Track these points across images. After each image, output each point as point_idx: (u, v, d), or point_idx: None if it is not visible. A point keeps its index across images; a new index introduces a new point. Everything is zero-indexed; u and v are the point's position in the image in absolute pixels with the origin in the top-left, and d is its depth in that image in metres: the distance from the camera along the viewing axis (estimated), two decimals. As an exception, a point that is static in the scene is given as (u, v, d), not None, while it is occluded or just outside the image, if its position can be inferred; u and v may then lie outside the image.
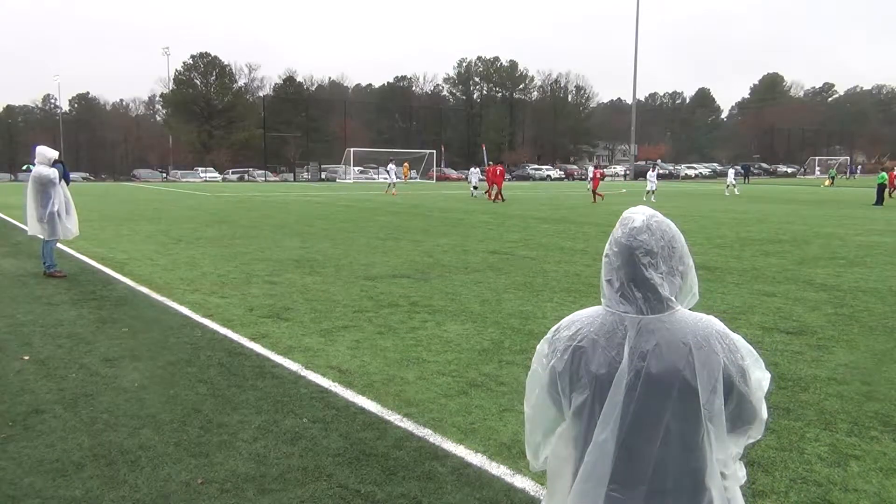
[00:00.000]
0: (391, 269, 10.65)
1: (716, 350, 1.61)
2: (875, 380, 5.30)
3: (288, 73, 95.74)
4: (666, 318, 1.65)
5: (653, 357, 1.60)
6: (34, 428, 4.35)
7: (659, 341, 1.62)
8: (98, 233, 15.82)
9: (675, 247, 1.71)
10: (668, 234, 1.72)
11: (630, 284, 1.67)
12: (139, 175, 71.96)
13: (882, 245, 13.99)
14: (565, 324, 1.78)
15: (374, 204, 28.07)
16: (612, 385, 1.63)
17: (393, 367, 5.61)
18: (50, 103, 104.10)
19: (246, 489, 3.55)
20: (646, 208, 1.77)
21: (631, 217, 1.74)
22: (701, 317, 1.68)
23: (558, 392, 1.75)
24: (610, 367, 1.64)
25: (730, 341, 1.66)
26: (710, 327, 1.65)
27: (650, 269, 1.65)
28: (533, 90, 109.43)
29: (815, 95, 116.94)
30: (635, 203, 21.12)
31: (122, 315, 7.50)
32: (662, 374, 1.60)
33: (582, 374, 1.68)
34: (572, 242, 14.28)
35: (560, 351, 1.73)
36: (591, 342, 1.68)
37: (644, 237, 1.68)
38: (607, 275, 1.73)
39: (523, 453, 3.94)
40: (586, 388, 1.68)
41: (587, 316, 1.75)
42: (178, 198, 33.25)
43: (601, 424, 1.63)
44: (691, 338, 1.61)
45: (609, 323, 1.68)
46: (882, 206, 27.34)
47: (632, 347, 1.62)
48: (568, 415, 1.74)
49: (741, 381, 1.65)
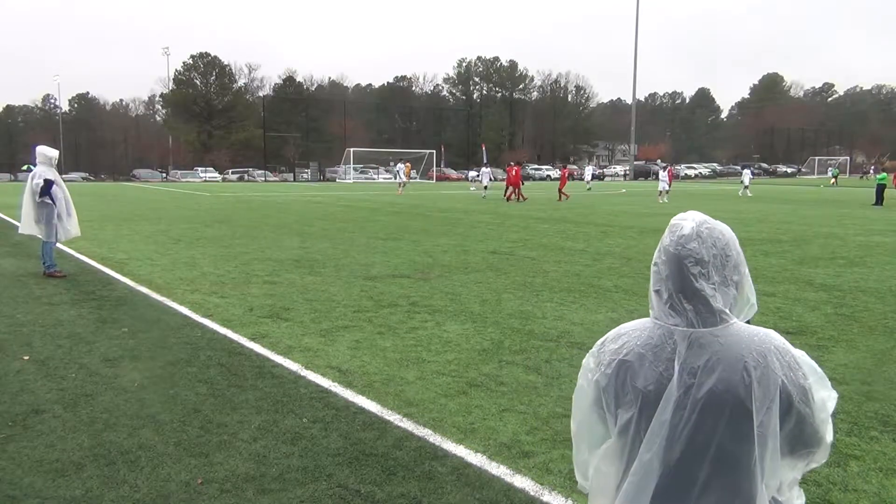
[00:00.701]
0: (391, 269, 10.65)
1: (774, 367, 1.51)
2: (875, 380, 5.30)
3: (288, 73, 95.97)
4: (719, 331, 1.55)
5: (704, 374, 1.51)
6: (34, 428, 4.35)
7: (711, 357, 1.52)
8: (98, 233, 15.82)
9: (728, 255, 1.60)
10: (721, 241, 1.60)
11: (679, 296, 1.57)
12: (139, 175, 71.98)
13: (882, 245, 13.99)
14: (611, 336, 1.69)
15: (374, 204, 28.07)
16: (659, 402, 1.55)
17: (393, 367, 5.61)
18: (50, 103, 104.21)
19: (246, 489, 3.55)
20: (696, 214, 1.65)
21: (679, 224, 1.62)
22: (758, 331, 1.57)
23: (603, 408, 1.67)
24: (658, 383, 1.56)
25: (790, 358, 1.54)
26: (768, 342, 1.54)
27: (700, 280, 1.55)
28: (533, 90, 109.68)
29: (815, 95, 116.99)
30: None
31: (122, 315, 7.50)
32: (714, 392, 1.50)
33: (628, 389, 1.60)
34: (572, 242, 14.28)
35: (605, 365, 1.65)
36: (638, 356, 1.60)
37: (693, 245, 1.57)
38: (655, 285, 1.63)
39: (523, 453, 3.97)
40: (632, 404, 1.60)
41: (634, 329, 1.66)
42: (178, 198, 33.25)
43: (647, 443, 1.56)
44: (747, 354, 1.51)
45: (657, 336, 1.60)
46: (882, 206, 27.35)
47: (682, 363, 1.54)
48: (613, 432, 1.67)
49: (801, 401, 1.53)
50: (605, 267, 10.90)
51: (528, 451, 4.01)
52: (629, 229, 16.95)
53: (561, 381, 5.23)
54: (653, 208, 25.66)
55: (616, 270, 10.55)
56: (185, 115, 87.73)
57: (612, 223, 18.87)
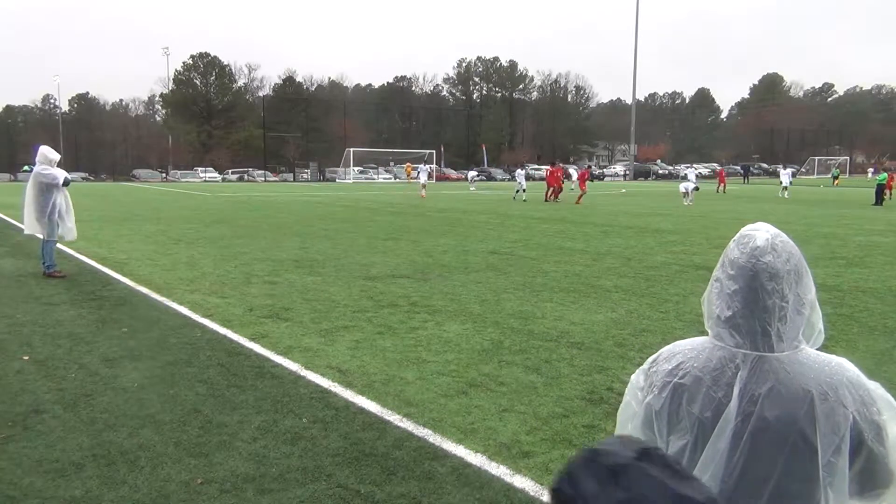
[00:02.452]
0: (391, 269, 10.65)
1: (844, 402, 1.38)
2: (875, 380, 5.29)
3: (288, 73, 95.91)
4: (786, 357, 1.42)
5: (766, 402, 1.38)
6: (34, 428, 4.35)
7: (775, 385, 1.39)
8: (98, 233, 15.82)
9: (801, 272, 1.47)
10: (796, 256, 1.47)
11: (747, 314, 1.43)
12: (139, 175, 71.94)
13: (882, 245, 13.99)
14: (665, 355, 1.56)
15: (374, 204, 28.07)
16: (715, 429, 1.42)
17: (393, 367, 5.61)
18: (49, 103, 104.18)
19: (245, 489, 3.55)
20: (768, 226, 1.51)
21: (752, 235, 1.48)
22: (830, 359, 1.44)
23: (654, 432, 1.54)
24: (716, 409, 1.43)
25: (864, 391, 1.41)
26: (839, 373, 1.41)
27: (774, 297, 1.42)
28: (533, 90, 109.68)
29: (815, 95, 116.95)
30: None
31: (122, 315, 7.50)
32: (776, 424, 1.37)
33: (682, 415, 1.47)
34: (572, 242, 14.28)
35: (658, 387, 1.52)
36: (695, 380, 1.46)
37: (769, 259, 1.44)
38: (718, 302, 1.49)
39: (523, 453, 3.96)
40: (687, 432, 1.46)
41: (691, 348, 1.52)
42: (178, 198, 33.25)
43: (699, 472, 1.42)
44: (814, 385, 1.38)
45: (717, 359, 1.46)
46: (882, 206, 27.35)
47: (742, 388, 1.40)
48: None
49: (875, 439, 1.39)
50: (605, 267, 10.90)
51: (527, 451, 4.01)
52: (629, 229, 16.94)
53: (561, 381, 5.23)
54: (652, 209, 25.65)
55: (616, 270, 10.55)
56: (185, 115, 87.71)
57: (611, 223, 18.87)
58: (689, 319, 7.26)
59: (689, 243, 14.24)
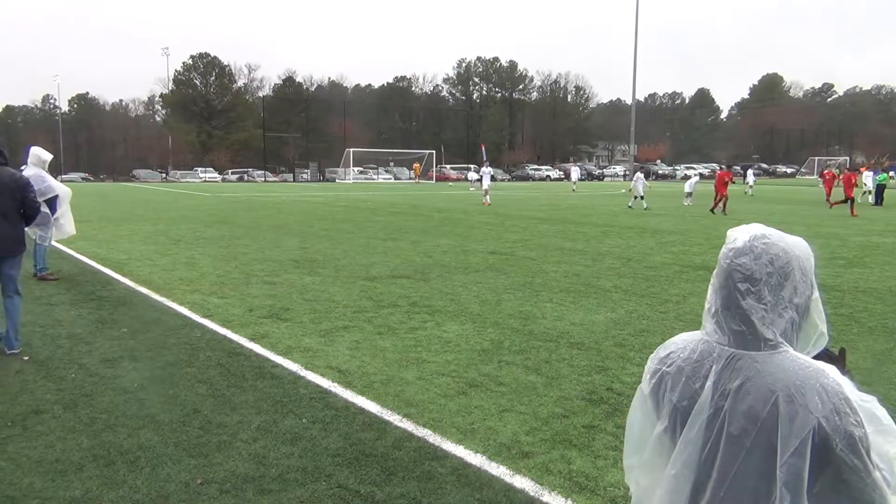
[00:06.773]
0: (391, 269, 10.65)
1: (810, 406, 1.35)
2: (875, 380, 5.30)
3: (287, 74, 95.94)
4: (761, 357, 1.43)
5: (736, 398, 1.42)
6: (33, 428, 4.35)
7: (744, 382, 1.42)
8: (97, 233, 15.81)
9: (787, 275, 1.47)
10: (781, 259, 1.47)
11: (724, 312, 1.48)
12: (139, 175, 71.92)
13: (881, 245, 14.00)
14: (665, 344, 1.64)
15: (374, 204, 28.07)
16: (688, 419, 1.49)
17: (392, 367, 5.61)
18: (49, 104, 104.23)
19: (245, 489, 3.55)
20: (758, 226, 1.53)
21: (733, 235, 1.52)
22: (809, 364, 1.42)
23: (646, 412, 1.64)
24: (691, 399, 1.49)
25: (840, 401, 1.37)
26: (814, 379, 1.38)
27: (749, 298, 1.44)
28: (532, 90, 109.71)
29: (815, 96, 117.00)
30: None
31: (122, 315, 7.50)
32: (741, 420, 1.41)
33: (664, 402, 1.56)
34: (572, 243, 14.28)
35: (650, 373, 1.61)
36: (678, 369, 1.54)
37: (743, 260, 1.46)
38: (708, 297, 1.54)
39: (523, 453, 3.97)
40: (666, 418, 1.55)
41: (684, 340, 1.59)
42: (178, 198, 33.24)
43: (673, 460, 1.51)
44: (781, 386, 1.38)
45: (700, 352, 1.52)
46: (881, 206, 27.35)
47: (714, 382, 1.46)
48: (651, 441, 1.61)
49: (847, 450, 1.34)
50: (605, 267, 10.90)
51: (527, 451, 4.01)
52: (629, 229, 16.94)
53: (561, 382, 5.23)
54: (652, 209, 25.65)
55: (616, 271, 10.55)
56: (185, 116, 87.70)
57: (611, 223, 18.87)
58: (689, 319, 7.26)
59: (689, 243, 14.25)
